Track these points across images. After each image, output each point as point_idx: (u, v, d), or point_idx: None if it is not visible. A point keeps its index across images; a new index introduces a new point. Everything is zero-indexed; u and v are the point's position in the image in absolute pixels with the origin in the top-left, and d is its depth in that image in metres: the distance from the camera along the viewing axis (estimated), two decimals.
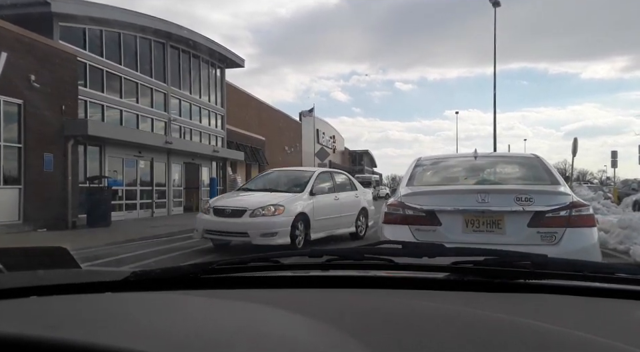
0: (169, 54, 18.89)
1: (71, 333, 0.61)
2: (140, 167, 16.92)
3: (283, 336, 0.63)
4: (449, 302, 0.83)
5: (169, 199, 18.65)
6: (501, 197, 3.78)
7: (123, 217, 15.61)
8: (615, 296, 0.91)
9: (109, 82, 15.34)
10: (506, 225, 3.70)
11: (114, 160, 15.53)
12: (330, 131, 55.75)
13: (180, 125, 19.69)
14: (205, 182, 21.82)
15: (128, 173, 16.33)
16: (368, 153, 73.03)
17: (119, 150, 15.46)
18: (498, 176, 4.68)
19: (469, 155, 4.99)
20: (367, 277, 1.08)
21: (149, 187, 17.49)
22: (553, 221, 3.62)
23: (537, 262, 1.00)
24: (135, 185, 16.67)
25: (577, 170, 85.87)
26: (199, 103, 21.52)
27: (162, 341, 0.60)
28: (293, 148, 41.72)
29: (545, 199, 3.73)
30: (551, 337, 0.63)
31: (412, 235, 3.82)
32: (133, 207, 16.46)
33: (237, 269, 1.10)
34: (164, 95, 18.53)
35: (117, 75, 15.76)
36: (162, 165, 18.29)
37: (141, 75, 17.06)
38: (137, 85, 16.80)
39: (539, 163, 4.50)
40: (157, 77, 18.05)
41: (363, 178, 50.71)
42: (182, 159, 19.53)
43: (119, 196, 15.83)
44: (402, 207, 3.94)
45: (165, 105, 18.62)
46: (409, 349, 0.60)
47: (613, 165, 24.04)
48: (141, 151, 16.56)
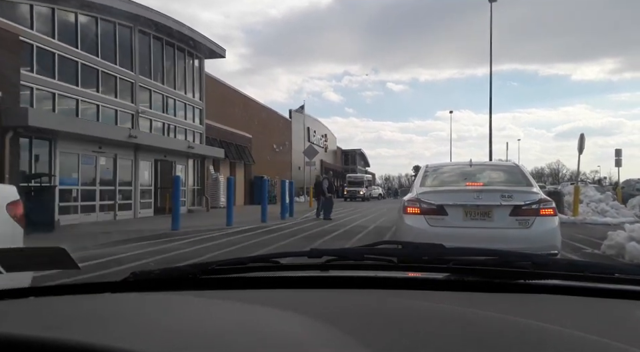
0: (137, 39, 17.05)
1: (70, 334, 0.61)
2: (100, 164, 15.13)
3: (283, 336, 0.63)
4: (449, 302, 0.83)
5: (136, 199, 16.87)
6: (491, 195, 5.07)
7: (77, 221, 13.87)
8: (615, 296, 0.91)
9: (62, 67, 13.52)
10: (494, 215, 4.98)
11: (68, 156, 13.75)
12: (322, 129, 54.25)
13: (150, 118, 17.87)
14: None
15: (85, 171, 14.54)
16: (361, 153, 71.51)
17: (74, 145, 13.68)
18: (487, 180, 5.91)
19: (465, 164, 6.40)
20: (366, 278, 1.05)
21: (111, 187, 15.70)
22: (527, 211, 4.91)
23: (537, 262, 1.02)
24: (93, 185, 14.88)
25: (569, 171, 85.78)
26: (174, 95, 19.70)
27: (161, 341, 0.60)
28: (282, 146, 40.11)
29: (521, 196, 5.03)
30: (551, 337, 0.64)
31: (426, 222, 5.03)
32: (90, 208, 14.68)
33: (236, 270, 1.11)
34: (131, 84, 16.69)
35: (72, 59, 13.94)
36: (127, 162, 16.50)
37: (103, 61, 15.22)
38: (97, 71, 14.97)
39: (518, 170, 5.99)
40: (122, 64, 16.21)
41: (354, 178, 49.19)
42: (153, 155, 17.75)
43: (73, 197, 14.07)
44: (418, 202, 5.15)
45: (133, 96, 16.79)
46: (409, 348, 0.60)
47: (617, 163, 23.06)
48: (101, 146, 14.78)
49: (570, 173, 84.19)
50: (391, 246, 1.20)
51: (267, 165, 34.61)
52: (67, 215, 13.56)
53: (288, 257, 1.21)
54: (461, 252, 1.12)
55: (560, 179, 75.55)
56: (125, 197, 16.48)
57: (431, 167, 6.30)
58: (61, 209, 13.38)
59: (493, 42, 23.41)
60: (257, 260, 1.15)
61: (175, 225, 11.86)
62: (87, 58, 14.52)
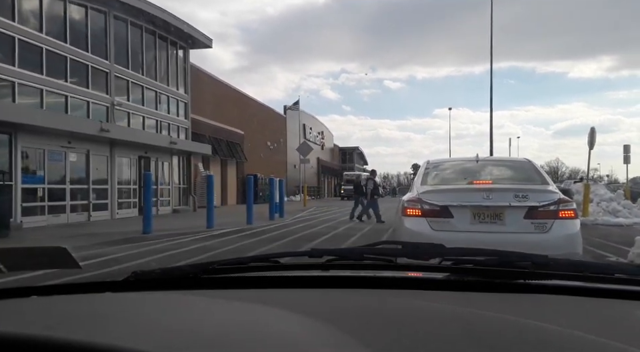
0: (112, 25, 15.73)
1: (71, 333, 0.62)
2: (70, 160, 13.84)
3: (283, 336, 0.63)
4: (449, 302, 0.83)
5: (113, 199, 15.59)
6: (502, 194, 4.50)
7: (44, 222, 12.63)
8: (614, 296, 0.91)
9: (24, 54, 12.23)
10: (506, 217, 4.42)
11: (32, 151, 12.47)
12: (318, 126, 53.01)
13: (128, 111, 16.58)
14: (163, 179, 18.78)
15: (53, 168, 13.25)
16: (358, 150, 70.31)
17: (39, 139, 12.40)
18: (497, 177, 5.31)
19: (471, 159, 5.64)
20: (367, 277, 1.06)
21: (84, 185, 14.43)
22: (544, 213, 4.37)
23: (537, 262, 1.03)
24: (62, 183, 13.59)
25: (568, 168, 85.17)
26: (156, 87, 18.38)
27: (162, 341, 0.60)
28: (276, 143, 38.86)
29: (537, 196, 4.47)
30: (551, 337, 0.64)
31: (429, 226, 4.45)
32: (59, 209, 13.40)
33: (236, 269, 1.11)
34: (105, 74, 15.39)
35: (36, 45, 12.63)
36: (102, 159, 15.22)
37: (72, 48, 13.90)
38: (66, 59, 13.65)
39: (531, 166, 5.38)
40: (95, 52, 14.90)
41: (351, 176, 47.97)
42: (133, 152, 16.46)
43: (39, 196, 12.79)
44: (420, 202, 4.58)
45: (108, 87, 15.49)
46: (409, 348, 0.60)
47: (625, 160, 21.80)
48: (71, 140, 13.50)
49: (570, 171, 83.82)
50: (391, 246, 1.22)
51: (260, 163, 33.41)
52: (32, 217, 12.31)
53: (288, 257, 1.23)
54: (460, 252, 1.13)
55: (559, 176, 74.74)
56: (101, 196, 15.20)
57: (433, 163, 5.69)
58: (25, 210, 12.14)
59: (489, 39, 22.22)
60: (257, 259, 1.16)
61: (146, 228, 10.61)
62: (53, 44, 13.20)
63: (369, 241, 9.14)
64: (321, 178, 52.28)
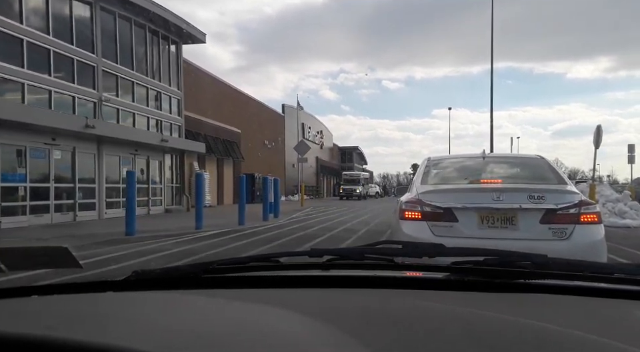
0: (99, 17, 15.10)
1: (72, 333, 0.61)
2: (55, 158, 13.23)
3: (284, 335, 0.63)
4: (449, 302, 0.83)
5: (101, 198, 14.98)
6: (515, 195, 3.95)
7: (26, 223, 12.03)
8: (614, 296, 0.91)
9: (2, 46, 11.59)
10: (519, 221, 3.89)
11: (11, 148, 11.86)
12: (317, 125, 52.42)
13: (117, 107, 15.95)
14: (154, 178, 18.18)
15: (35, 166, 12.63)
16: (358, 150, 69.73)
17: (19, 135, 11.78)
18: (507, 176, 4.78)
19: (477, 156, 5.18)
20: (367, 277, 1.05)
21: (69, 184, 13.83)
22: (564, 217, 3.83)
23: (537, 262, 1.02)
24: (46, 181, 12.98)
25: (568, 169, 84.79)
26: (147, 82, 17.76)
27: (162, 341, 0.60)
28: (274, 142, 38.26)
29: (555, 197, 3.93)
30: (551, 337, 0.64)
31: (430, 231, 3.95)
32: (43, 209, 12.80)
33: (237, 269, 1.10)
34: (92, 68, 14.77)
35: (16, 36, 12.01)
36: (89, 157, 14.61)
37: (55, 40, 13.27)
38: (49, 52, 13.03)
39: (545, 164, 4.81)
40: (81, 45, 14.28)
41: (350, 175, 47.37)
42: (123, 149, 15.84)
43: (20, 195, 12.18)
44: (420, 204, 4.09)
45: (95, 82, 14.87)
46: (409, 348, 0.60)
47: (630, 160, 21.20)
48: (55, 137, 12.89)
49: (569, 171, 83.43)
50: (392, 246, 1.20)
51: (258, 162, 32.82)
52: (12, 217, 11.72)
53: (288, 256, 1.23)
54: (460, 252, 1.11)
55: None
56: (88, 195, 14.60)
57: (434, 160, 5.15)
58: (4, 209, 11.55)
59: (487, 40, 21.69)
60: (257, 259, 1.16)
61: (129, 229, 10.01)
62: (35, 35, 12.58)
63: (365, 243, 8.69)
64: (320, 177, 51.69)
